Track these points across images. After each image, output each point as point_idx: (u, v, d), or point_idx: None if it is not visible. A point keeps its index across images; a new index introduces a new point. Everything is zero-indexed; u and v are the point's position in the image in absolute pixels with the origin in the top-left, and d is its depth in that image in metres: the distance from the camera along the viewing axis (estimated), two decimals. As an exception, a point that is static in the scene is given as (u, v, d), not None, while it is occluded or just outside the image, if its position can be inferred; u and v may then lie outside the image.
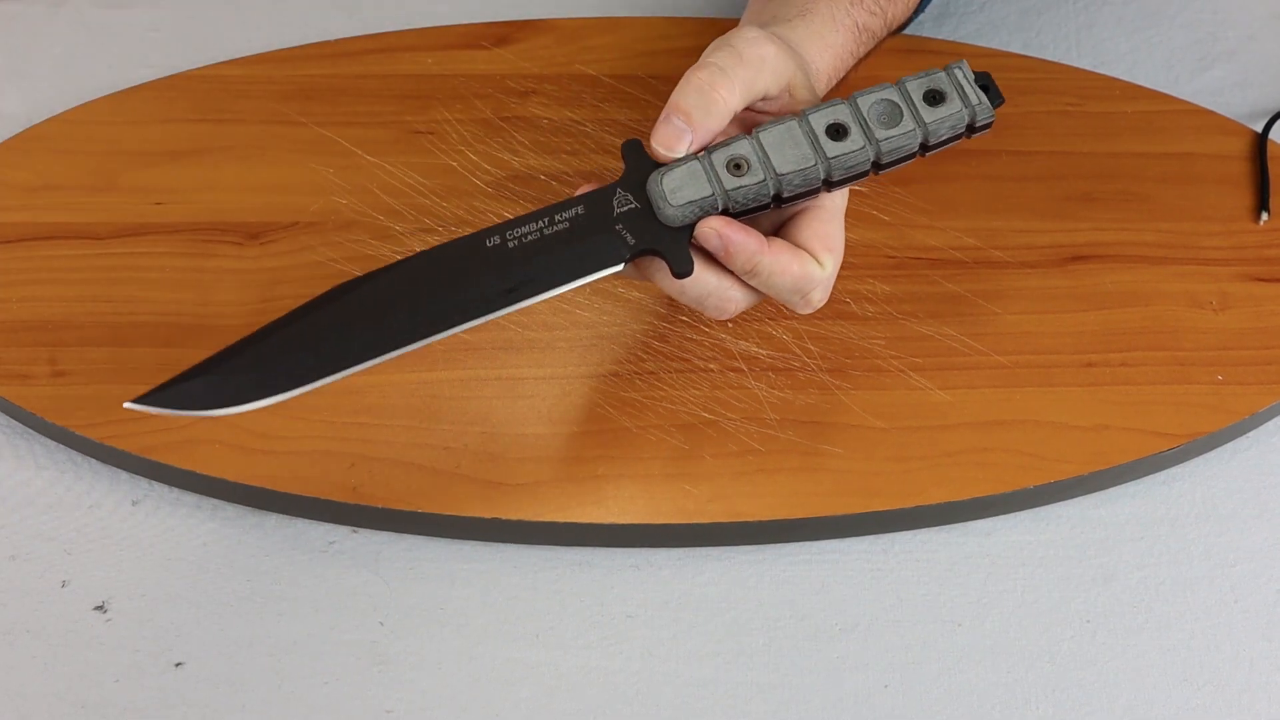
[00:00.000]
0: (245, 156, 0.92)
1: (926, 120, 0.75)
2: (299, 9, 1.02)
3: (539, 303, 0.73)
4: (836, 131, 0.74)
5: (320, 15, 1.02)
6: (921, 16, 0.95)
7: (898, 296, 0.87)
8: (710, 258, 0.74)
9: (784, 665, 0.77)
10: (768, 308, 0.86)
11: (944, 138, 0.75)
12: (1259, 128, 0.95)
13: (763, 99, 0.76)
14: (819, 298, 0.76)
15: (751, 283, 0.75)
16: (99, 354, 0.84)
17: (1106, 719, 0.76)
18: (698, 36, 0.98)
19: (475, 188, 0.91)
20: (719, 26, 0.99)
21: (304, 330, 0.73)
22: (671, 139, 0.74)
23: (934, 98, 0.75)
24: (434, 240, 0.88)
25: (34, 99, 0.97)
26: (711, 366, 0.84)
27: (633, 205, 0.74)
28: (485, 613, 0.79)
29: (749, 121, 0.77)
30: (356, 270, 0.87)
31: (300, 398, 0.82)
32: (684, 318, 0.86)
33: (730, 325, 0.85)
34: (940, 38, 1.00)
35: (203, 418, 0.72)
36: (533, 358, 0.84)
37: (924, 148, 0.76)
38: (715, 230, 0.73)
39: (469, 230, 0.89)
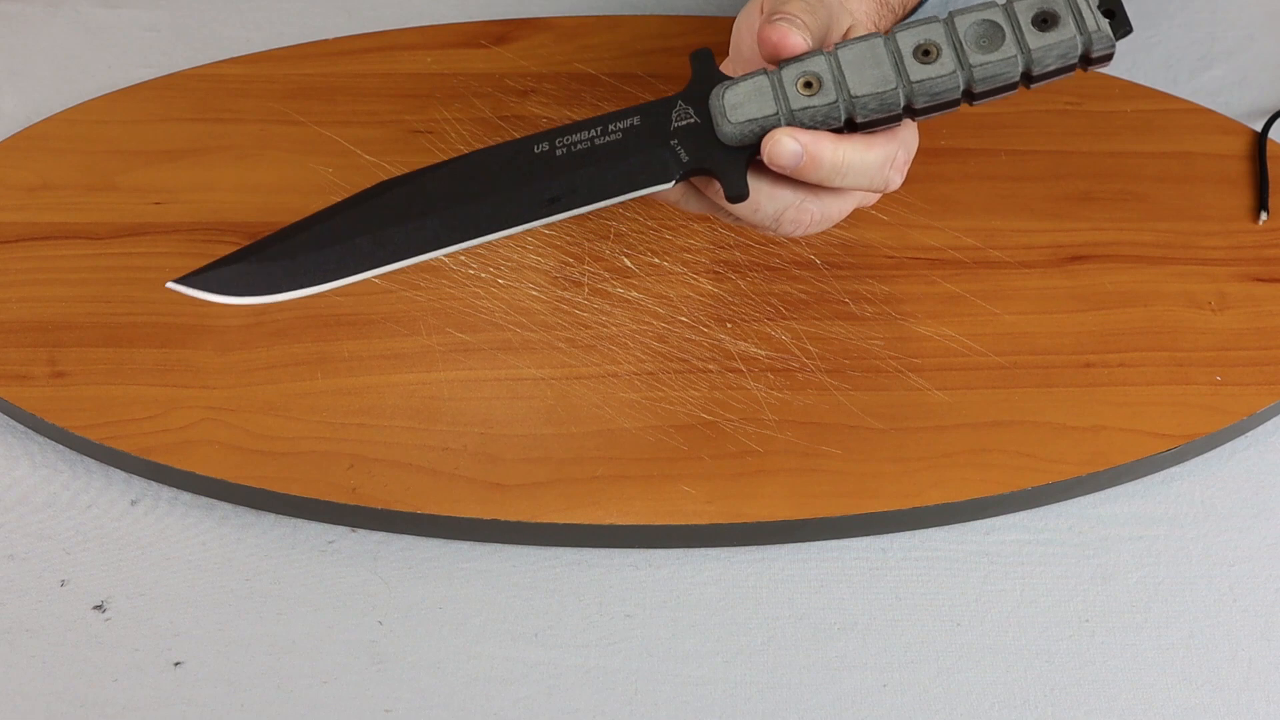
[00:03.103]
0: (244, 156, 0.92)
1: (1031, 46, 0.68)
2: (299, 9, 1.02)
3: (583, 213, 0.72)
4: (925, 53, 0.69)
5: (320, 15, 1.02)
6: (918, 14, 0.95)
7: (896, 297, 0.87)
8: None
9: (783, 664, 0.77)
10: (766, 308, 0.86)
11: (1051, 68, 0.69)
12: (1258, 127, 0.95)
13: None
14: (904, 159, 0.72)
15: (842, 183, 0.71)
16: (98, 354, 0.84)
17: (1105, 718, 0.76)
18: (696, 35, 0.98)
19: (474, 187, 0.91)
20: (717, 25, 0.99)
21: (342, 224, 0.72)
22: (789, 31, 0.69)
23: (1045, 20, 0.68)
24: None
25: (33, 99, 0.97)
26: (710, 367, 0.84)
27: (692, 120, 0.71)
28: (484, 612, 0.79)
29: None
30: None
31: (299, 398, 0.82)
32: (684, 319, 0.86)
33: (729, 326, 0.85)
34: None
35: (238, 304, 0.72)
36: (532, 358, 0.84)
37: (1028, 79, 0.70)
38: (791, 136, 0.69)
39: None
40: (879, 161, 0.71)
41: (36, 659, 0.77)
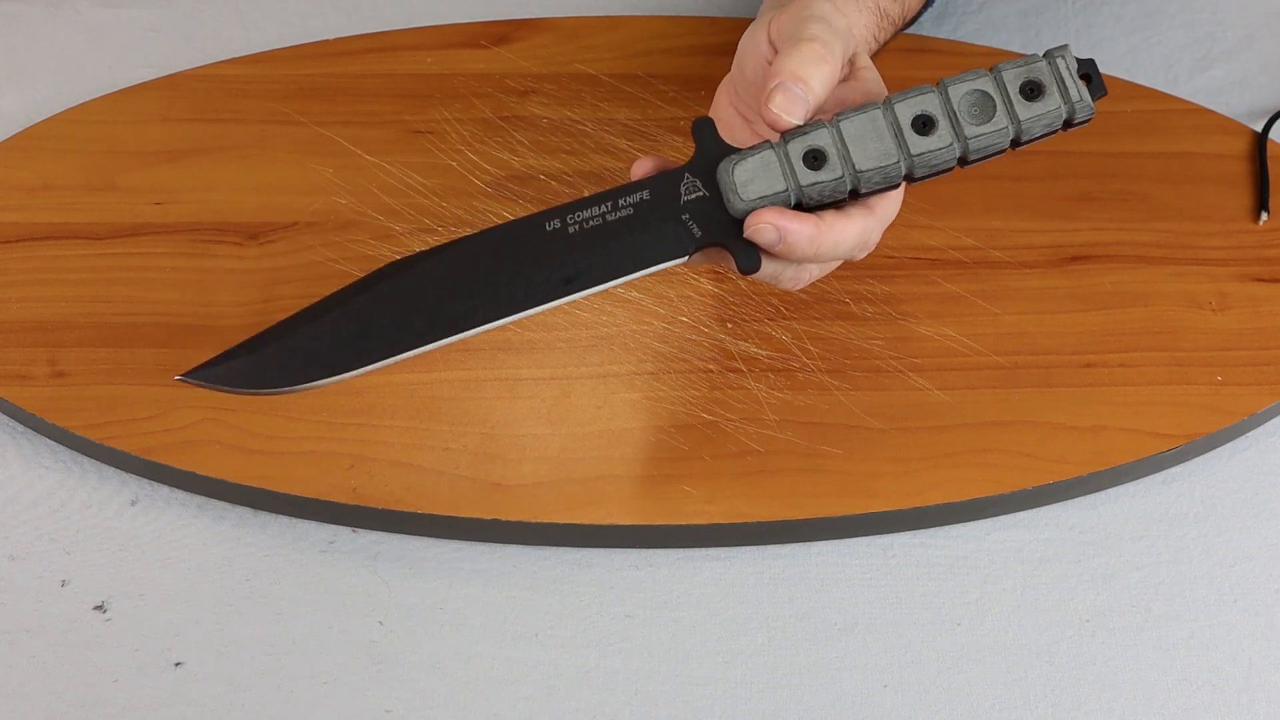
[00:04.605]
0: (244, 156, 0.92)
1: (1021, 117, 0.71)
2: (299, 9, 1.02)
3: (597, 293, 0.72)
4: (923, 124, 0.71)
5: (320, 15, 1.02)
6: (921, 17, 0.95)
7: (897, 297, 0.87)
8: None
9: (783, 665, 0.77)
10: (766, 308, 0.86)
11: (1037, 135, 0.73)
12: (1258, 127, 0.95)
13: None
14: (876, 239, 0.75)
15: (817, 259, 0.73)
16: (99, 354, 0.84)
17: (1105, 718, 0.76)
18: (697, 35, 0.98)
19: (475, 187, 0.91)
20: (719, 25, 0.99)
21: (356, 312, 0.71)
22: (794, 105, 0.70)
23: (1032, 90, 0.71)
24: (433, 240, 0.88)
25: (33, 99, 0.97)
26: (711, 367, 0.84)
27: (701, 193, 0.72)
28: (484, 612, 0.79)
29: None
30: (357, 271, 0.87)
31: (299, 398, 0.82)
32: (684, 319, 0.86)
33: (730, 326, 0.85)
34: (940, 37, 1.00)
35: (252, 396, 0.71)
36: (532, 358, 0.84)
37: (1014, 143, 0.73)
38: (770, 224, 0.70)
39: (468, 231, 0.89)
40: (853, 244, 0.73)
41: (36, 659, 0.77)
